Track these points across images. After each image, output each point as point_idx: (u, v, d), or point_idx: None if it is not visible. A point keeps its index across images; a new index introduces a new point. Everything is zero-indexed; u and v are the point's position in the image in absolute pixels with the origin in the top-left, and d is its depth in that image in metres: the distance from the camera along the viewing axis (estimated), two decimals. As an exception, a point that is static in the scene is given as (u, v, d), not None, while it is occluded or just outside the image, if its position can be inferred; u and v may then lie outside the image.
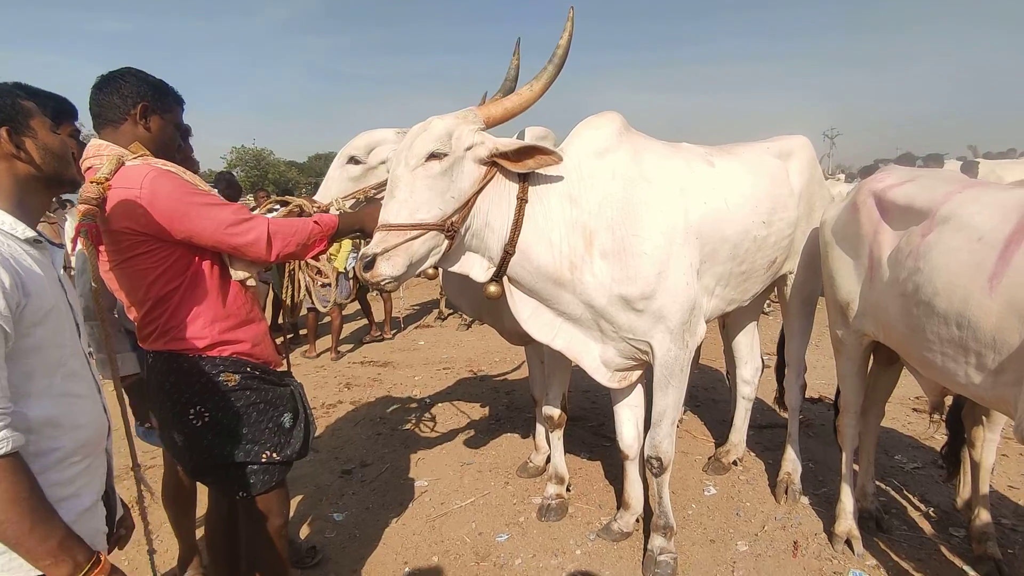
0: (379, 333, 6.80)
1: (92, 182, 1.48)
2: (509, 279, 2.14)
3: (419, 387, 5.02)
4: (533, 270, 2.09)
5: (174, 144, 1.79)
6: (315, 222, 1.81)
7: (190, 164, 2.13)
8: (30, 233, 1.09)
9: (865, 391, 2.56)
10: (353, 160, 2.38)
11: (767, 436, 3.72)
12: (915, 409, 4.11)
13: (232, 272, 1.74)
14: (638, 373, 2.48)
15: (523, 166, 1.97)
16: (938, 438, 3.62)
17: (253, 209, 2.41)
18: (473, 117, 1.97)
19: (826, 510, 2.79)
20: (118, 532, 1.36)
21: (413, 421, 4.22)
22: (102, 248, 1.61)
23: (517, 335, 2.98)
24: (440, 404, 4.60)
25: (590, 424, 4.03)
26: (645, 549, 2.51)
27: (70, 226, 5.52)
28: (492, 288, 2.11)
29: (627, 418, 2.61)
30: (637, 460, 2.66)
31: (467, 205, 1.93)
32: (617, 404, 2.62)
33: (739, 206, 2.36)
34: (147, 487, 1.47)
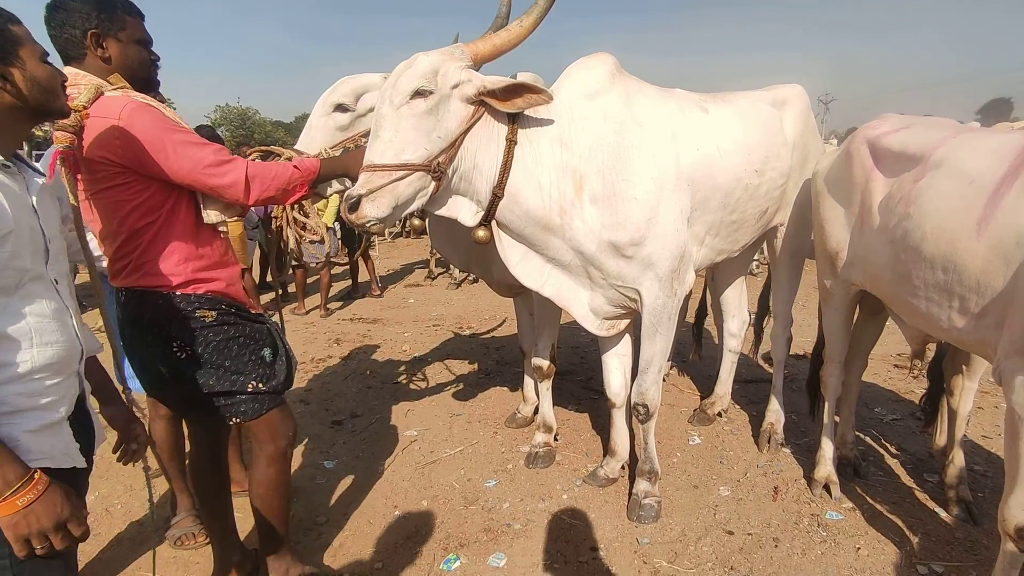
0: (360, 293, 6.79)
1: (71, 108, 1.41)
2: (498, 223, 2.12)
3: (409, 343, 5.03)
4: (522, 214, 2.07)
5: (144, 62, 1.70)
6: (295, 166, 1.77)
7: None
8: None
9: (850, 342, 2.59)
10: (340, 108, 2.28)
11: (752, 390, 3.79)
12: (896, 365, 4.20)
13: (204, 215, 1.70)
14: (626, 322, 2.50)
15: (512, 105, 1.92)
16: (917, 392, 3.70)
17: None
18: (460, 54, 1.90)
19: (807, 458, 2.87)
20: (130, 446, 1.39)
21: (403, 375, 4.25)
22: (79, 177, 1.56)
23: (506, 286, 2.98)
24: (430, 359, 4.62)
25: (578, 378, 4.08)
26: (630, 494, 2.57)
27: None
28: (481, 233, 2.07)
29: (615, 367, 2.63)
30: (624, 408, 2.70)
31: (454, 145, 1.89)
32: (605, 353, 2.64)
33: (731, 153, 2.33)
34: (142, 413, 1.49)
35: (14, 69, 1.07)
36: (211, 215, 1.71)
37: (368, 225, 1.84)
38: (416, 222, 2.48)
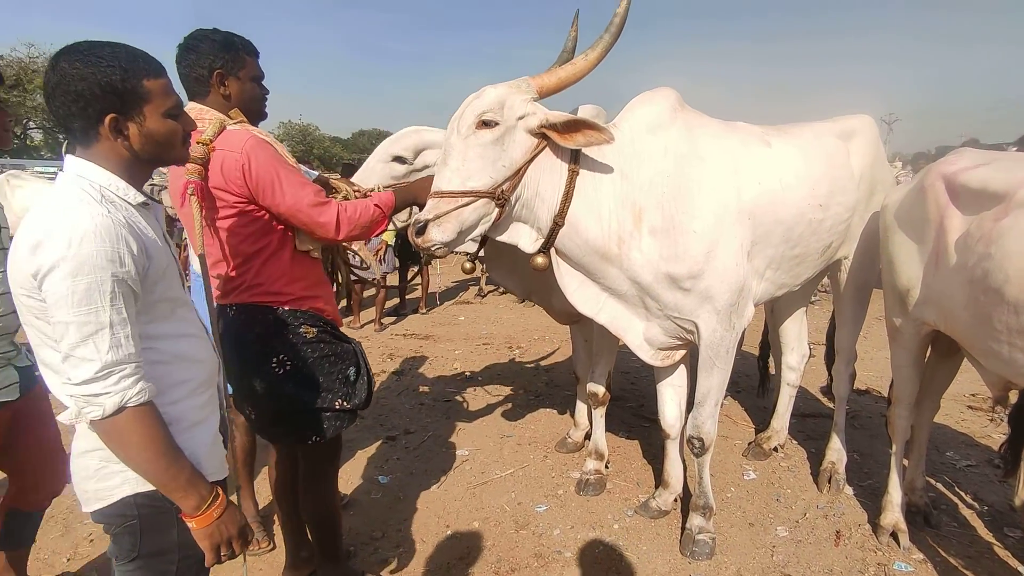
0: (408, 309, 6.94)
1: (198, 143, 1.60)
2: (556, 251, 2.16)
3: (460, 360, 5.11)
4: (581, 243, 2.10)
5: (258, 98, 1.86)
6: (376, 204, 1.90)
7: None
8: (140, 198, 1.18)
9: (920, 382, 2.48)
10: (399, 159, 2.41)
11: (810, 425, 3.66)
12: (970, 407, 3.96)
13: (298, 243, 1.85)
14: (681, 353, 2.48)
15: (571, 141, 1.95)
16: (995, 436, 3.50)
17: None
18: (526, 87, 1.96)
19: (871, 502, 2.75)
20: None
21: (454, 393, 4.32)
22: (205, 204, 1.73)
23: (565, 314, 3.01)
24: (480, 378, 4.68)
25: (629, 404, 4.04)
26: (683, 528, 2.53)
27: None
28: (540, 260, 2.12)
29: (670, 397, 2.61)
30: (678, 440, 2.66)
31: (518, 174, 1.95)
32: (660, 383, 2.62)
33: (794, 187, 2.30)
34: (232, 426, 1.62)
35: (132, 124, 1.13)
36: (304, 244, 1.86)
37: (433, 249, 1.93)
38: (467, 265, 2.54)
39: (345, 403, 1.92)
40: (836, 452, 2.96)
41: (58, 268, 1.00)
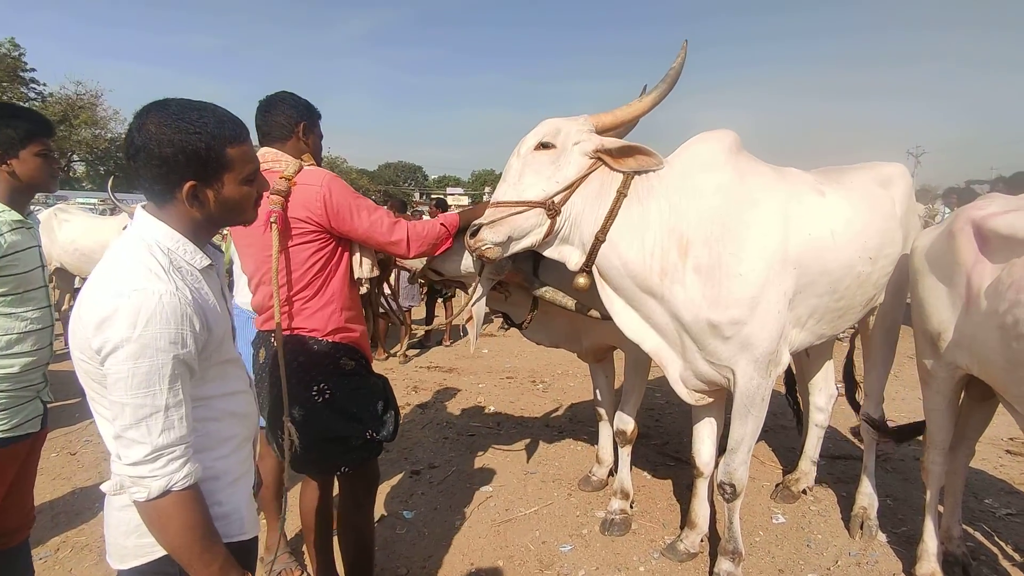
0: (433, 342, 7.00)
1: (282, 177, 1.85)
2: (599, 272, 2.20)
3: (483, 395, 5.14)
4: (620, 265, 2.13)
5: (319, 149, 2.12)
6: (441, 223, 2.11)
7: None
8: (206, 261, 1.18)
9: (955, 427, 2.44)
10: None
11: (840, 467, 3.59)
12: (1009, 451, 3.84)
13: (356, 269, 2.02)
14: (717, 394, 2.47)
15: (624, 164, 2.12)
16: (1035, 484, 3.38)
17: None
18: (583, 121, 2.14)
19: (905, 550, 2.67)
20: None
21: (478, 427, 4.34)
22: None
23: (592, 352, 3.05)
24: (504, 412, 4.69)
25: (653, 442, 4.01)
26: (711, 572, 2.49)
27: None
28: (581, 280, 2.20)
29: (706, 435, 2.60)
30: (708, 479, 2.64)
31: (569, 188, 2.08)
32: (697, 422, 2.61)
33: (847, 241, 2.29)
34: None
35: (210, 191, 1.13)
36: (363, 270, 2.03)
37: (483, 248, 2.06)
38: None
39: (375, 434, 2.00)
40: (867, 497, 2.89)
41: (121, 349, 1.00)
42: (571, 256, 2.20)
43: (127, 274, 1.06)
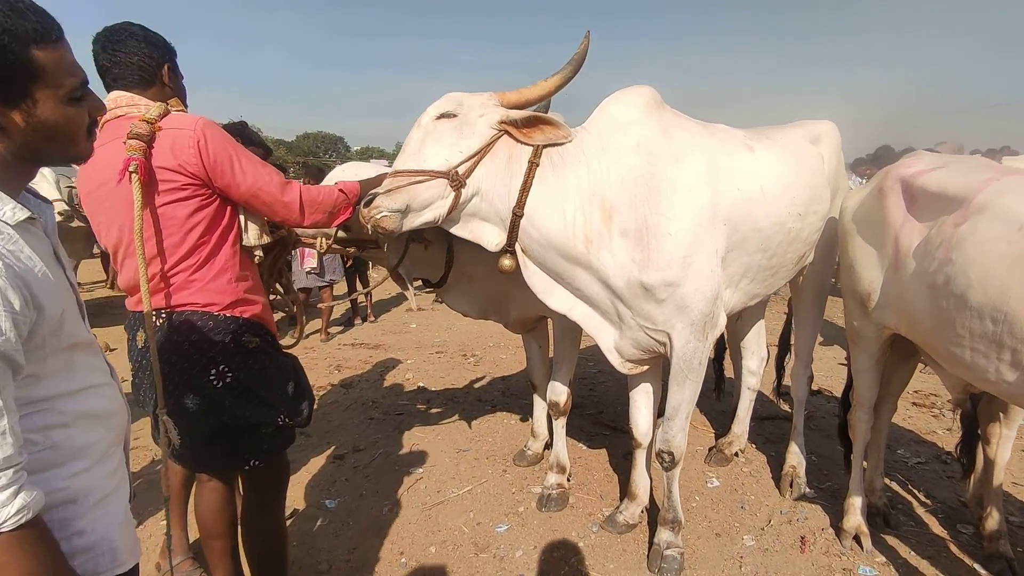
0: (360, 320, 6.67)
1: (143, 120, 1.50)
2: (522, 250, 2.09)
3: (412, 371, 4.90)
4: (542, 239, 2.02)
5: (186, 97, 1.78)
6: (340, 190, 1.86)
7: None
8: (22, 214, 0.86)
9: (880, 385, 2.49)
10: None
11: (768, 428, 3.67)
12: (914, 403, 4.08)
13: (244, 237, 1.72)
14: (652, 362, 2.39)
15: (532, 137, 2.01)
16: (939, 433, 3.60)
17: None
18: (488, 96, 2.04)
19: (832, 505, 2.74)
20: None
21: (406, 406, 4.12)
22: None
23: (520, 323, 2.89)
24: (433, 388, 4.49)
25: (588, 412, 3.94)
26: (651, 543, 2.44)
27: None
28: (506, 261, 2.07)
29: (643, 404, 2.52)
30: (647, 449, 2.58)
31: (474, 158, 1.94)
32: (633, 389, 2.53)
33: (777, 196, 2.23)
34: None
35: (17, 113, 0.85)
36: (250, 237, 1.74)
37: (378, 216, 1.85)
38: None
39: (288, 419, 1.77)
40: (796, 456, 2.94)
41: None
42: (486, 234, 2.07)
43: None
